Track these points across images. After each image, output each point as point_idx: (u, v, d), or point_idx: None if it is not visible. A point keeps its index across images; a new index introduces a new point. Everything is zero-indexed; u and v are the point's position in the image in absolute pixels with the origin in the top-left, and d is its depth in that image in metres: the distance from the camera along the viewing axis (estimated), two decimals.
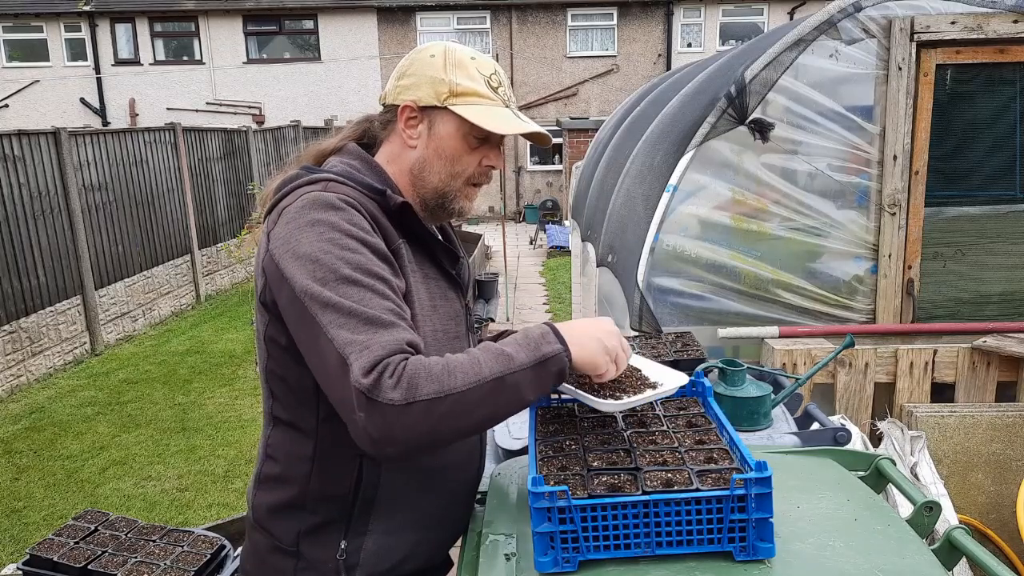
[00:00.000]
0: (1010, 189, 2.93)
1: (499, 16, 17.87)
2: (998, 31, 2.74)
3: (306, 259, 1.15)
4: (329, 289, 1.13)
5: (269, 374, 1.32)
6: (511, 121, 1.32)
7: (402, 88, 1.34)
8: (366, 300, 1.13)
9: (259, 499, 1.37)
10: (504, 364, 1.13)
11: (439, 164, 1.34)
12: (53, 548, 2.29)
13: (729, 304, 2.91)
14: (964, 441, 2.77)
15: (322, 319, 1.12)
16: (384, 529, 1.32)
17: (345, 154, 1.38)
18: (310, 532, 1.31)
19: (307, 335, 1.15)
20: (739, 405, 1.78)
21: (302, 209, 1.21)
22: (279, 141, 12.67)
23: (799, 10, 17.21)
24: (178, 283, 9.55)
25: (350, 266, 1.15)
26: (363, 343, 1.09)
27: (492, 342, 1.27)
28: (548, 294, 9.79)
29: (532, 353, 1.15)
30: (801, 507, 1.25)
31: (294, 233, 1.19)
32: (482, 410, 1.12)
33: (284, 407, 1.32)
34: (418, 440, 1.09)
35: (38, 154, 6.99)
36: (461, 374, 1.10)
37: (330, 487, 1.30)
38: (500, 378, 1.12)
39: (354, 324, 1.10)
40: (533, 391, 1.15)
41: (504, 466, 1.53)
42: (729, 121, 2.82)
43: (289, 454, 1.32)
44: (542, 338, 1.17)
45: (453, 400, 1.09)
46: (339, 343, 1.09)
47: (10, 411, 6.14)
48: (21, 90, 17.90)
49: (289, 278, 1.16)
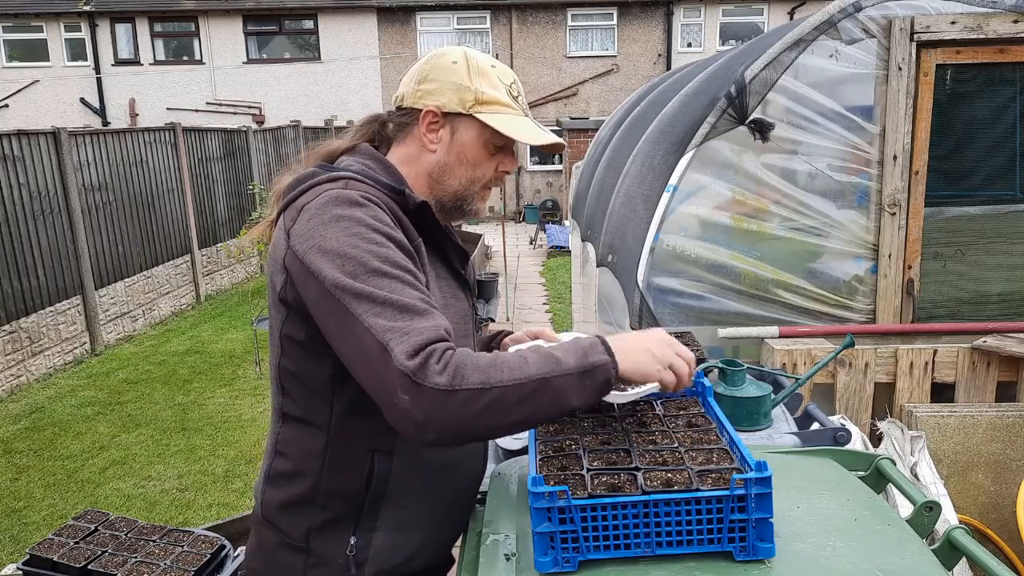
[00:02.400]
0: (1010, 189, 2.93)
1: (499, 16, 17.87)
2: (998, 31, 2.74)
3: (334, 254, 1.17)
4: (360, 281, 1.14)
5: (282, 371, 1.34)
6: (534, 131, 1.36)
7: (424, 92, 1.36)
8: (398, 290, 1.15)
9: (268, 495, 1.38)
10: (551, 366, 1.13)
11: (460, 169, 1.37)
12: (53, 548, 2.29)
13: (729, 304, 2.91)
14: (964, 441, 2.77)
15: (356, 309, 1.13)
16: (394, 525, 1.34)
17: (358, 154, 1.39)
18: (320, 528, 1.32)
19: (340, 327, 1.15)
20: (739, 405, 1.78)
21: (325, 205, 1.22)
22: (279, 141, 12.67)
23: (799, 10, 17.21)
24: (178, 283, 9.55)
25: (379, 259, 1.16)
26: (402, 329, 1.10)
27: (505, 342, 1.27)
28: (548, 294, 9.79)
29: (580, 360, 1.16)
30: (801, 507, 1.25)
31: (318, 229, 1.20)
32: (524, 408, 1.12)
33: (296, 403, 1.33)
34: (457, 429, 1.10)
35: (38, 154, 6.99)
36: (508, 369, 1.11)
37: (342, 482, 1.31)
38: (546, 379, 1.12)
39: (390, 312, 1.12)
40: (577, 397, 1.15)
41: (504, 466, 1.53)
42: (729, 121, 2.82)
43: (301, 450, 1.34)
44: (591, 347, 1.18)
45: (497, 393, 1.09)
46: (377, 330, 1.11)
47: (10, 411, 6.14)
48: (21, 90, 17.90)
49: (317, 273, 1.17)
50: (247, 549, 1.48)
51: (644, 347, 1.23)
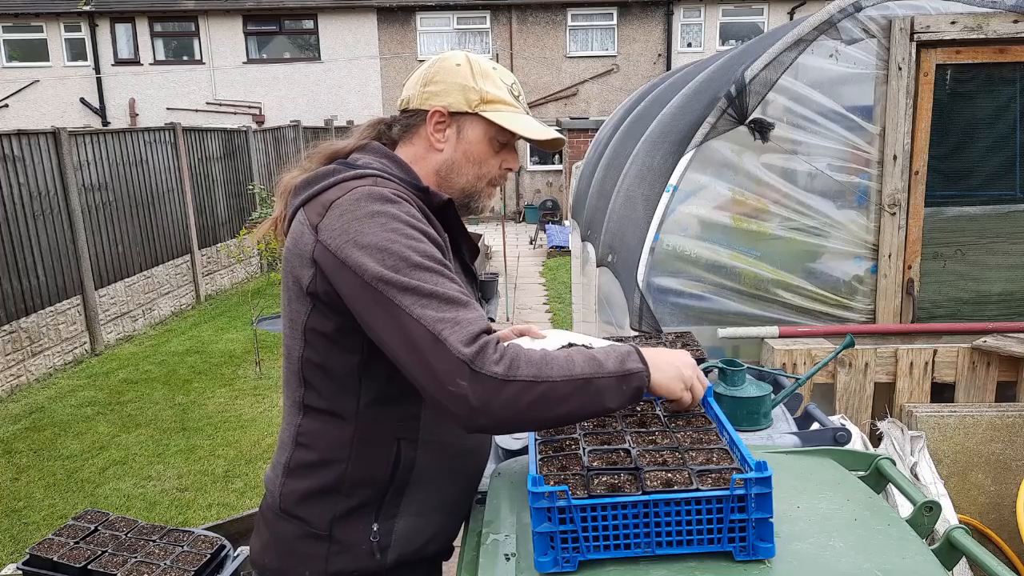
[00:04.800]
0: (1010, 189, 2.93)
1: (499, 16, 17.87)
2: (998, 31, 2.74)
3: (373, 248, 1.20)
4: (403, 275, 1.18)
5: (305, 363, 1.35)
6: (537, 127, 1.42)
7: (430, 94, 1.40)
8: (440, 283, 1.19)
9: (289, 487, 1.40)
10: (595, 368, 1.19)
11: (467, 166, 1.42)
12: (53, 548, 2.29)
13: (729, 304, 2.91)
14: (964, 441, 2.77)
15: (402, 301, 1.16)
16: (416, 510, 1.38)
17: (372, 152, 1.42)
18: (344, 516, 1.36)
19: (384, 319, 1.18)
20: (739, 405, 1.78)
21: (357, 201, 1.25)
22: (279, 141, 12.67)
23: (799, 10, 17.21)
24: (178, 283, 9.55)
25: (418, 253, 1.20)
26: (452, 319, 1.15)
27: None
28: (548, 294, 9.79)
29: (619, 365, 1.21)
30: (801, 507, 1.25)
31: (353, 224, 1.23)
32: (567, 405, 1.17)
33: (321, 395, 1.36)
34: (509, 418, 1.16)
35: (38, 154, 6.99)
36: (557, 366, 1.17)
37: (369, 471, 1.35)
38: (589, 379, 1.18)
39: (437, 304, 1.16)
40: (614, 400, 1.21)
41: (504, 466, 1.53)
42: (729, 121, 2.82)
43: (326, 440, 1.36)
44: (628, 355, 1.24)
45: (547, 387, 1.15)
46: (427, 321, 1.15)
47: (10, 411, 6.14)
48: (21, 90, 17.90)
49: (355, 267, 1.20)
50: (256, 546, 1.48)
51: (673, 364, 1.28)
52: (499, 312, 8.58)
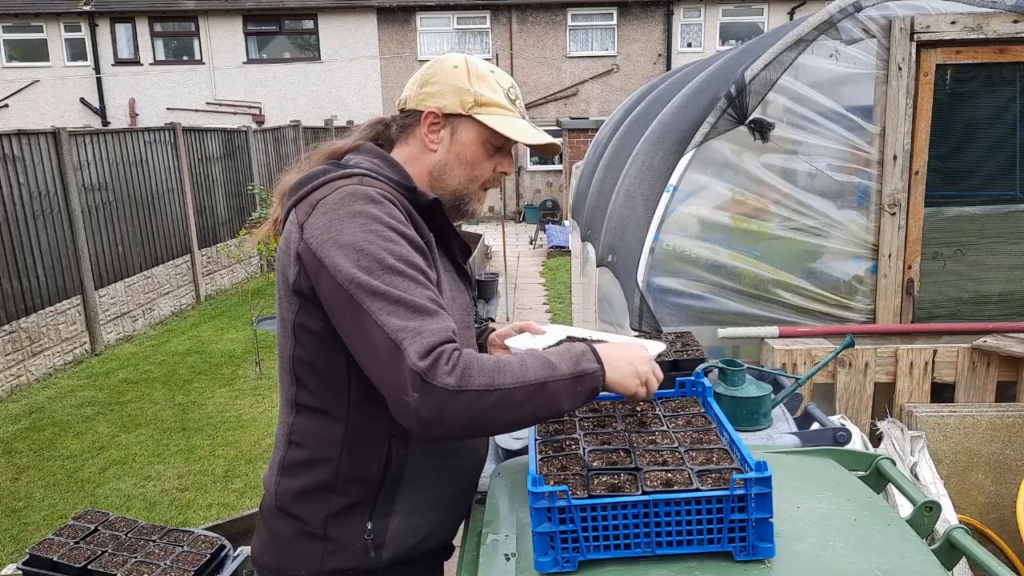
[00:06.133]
0: (1010, 189, 2.93)
1: (499, 16, 17.86)
2: (998, 31, 2.74)
3: (350, 248, 1.20)
4: (375, 278, 1.18)
5: (296, 362, 1.36)
6: (530, 132, 1.42)
7: (426, 95, 1.41)
8: (411, 289, 1.19)
9: (283, 485, 1.41)
10: (548, 371, 1.20)
11: (459, 168, 1.42)
12: (53, 548, 2.29)
13: (729, 304, 2.91)
14: (964, 441, 2.77)
15: (370, 306, 1.17)
16: (409, 509, 1.39)
17: (364, 152, 1.43)
18: (338, 514, 1.36)
19: (352, 321, 1.20)
20: (739, 405, 1.78)
21: (341, 201, 1.26)
22: (279, 141, 12.67)
23: (799, 10, 17.21)
24: (178, 283, 9.55)
25: (393, 256, 1.21)
26: (415, 329, 1.15)
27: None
28: (548, 294, 9.79)
29: (573, 366, 1.22)
30: (801, 507, 1.25)
31: (334, 223, 1.23)
32: (521, 411, 1.19)
33: (312, 393, 1.36)
34: (462, 427, 1.16)
35: (38, 154, 6.99)
36: (510, 373, 1.18)
37: (360, 468, 1.35)
38: (543, 384, 1.19)
39: (402, 312, 1.17)
40: (569, 402, 1.22)
41: (504, 466, 1.53)
42: (729, 121, 2.82)
43: (318, 439, 1.37)
44: (582, 355, 1.24)
45: (500, 395, 1.16)
46: (390, 329, 1.15)
47: (10, 411, 6.14)
48: (21, 90, 17.90)
49: (331, 267, 1.21)
50: (256, 544, 1.49)
51: (629, 361, 1.29)
52: (499, 312, 8.58)
